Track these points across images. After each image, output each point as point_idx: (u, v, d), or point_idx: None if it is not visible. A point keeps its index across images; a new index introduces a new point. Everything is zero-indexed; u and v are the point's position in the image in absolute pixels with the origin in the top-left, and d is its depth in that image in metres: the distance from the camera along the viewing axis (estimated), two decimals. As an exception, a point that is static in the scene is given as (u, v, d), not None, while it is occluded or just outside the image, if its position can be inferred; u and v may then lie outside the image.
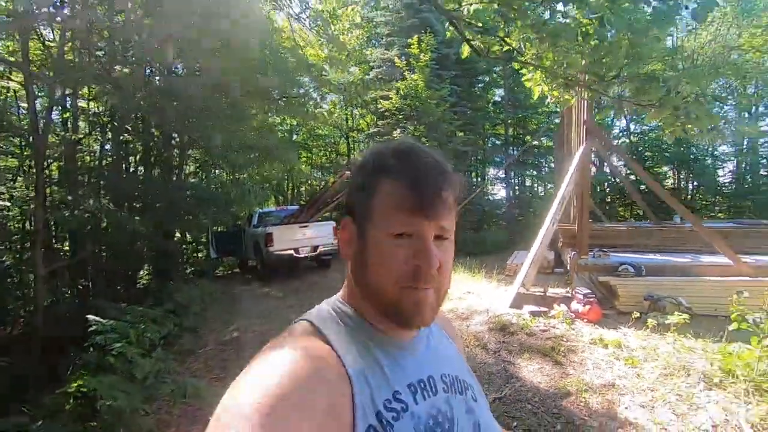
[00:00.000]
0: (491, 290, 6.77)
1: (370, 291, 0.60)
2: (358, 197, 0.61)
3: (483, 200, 16.72)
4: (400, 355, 0.60)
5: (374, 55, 13.53)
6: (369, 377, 0.54)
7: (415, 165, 0.59)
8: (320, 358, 0.52)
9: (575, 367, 3.67)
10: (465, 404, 0.64)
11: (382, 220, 0.58)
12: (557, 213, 6.04)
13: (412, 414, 0.55)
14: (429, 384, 0.60)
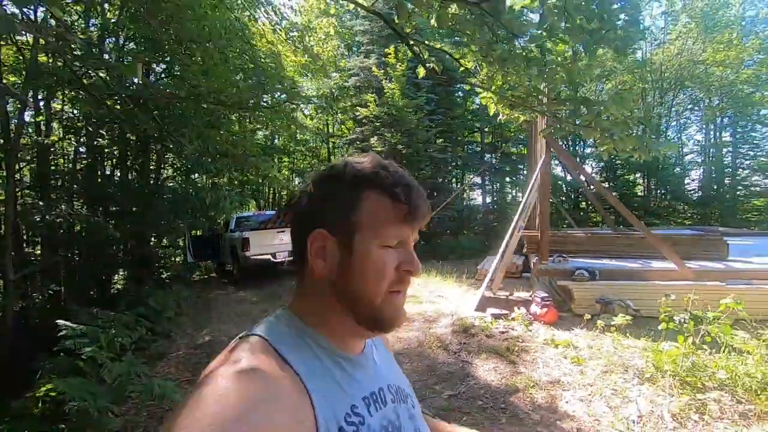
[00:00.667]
0: (460, 294, 7.03)
1: (356, 301, 0.59)
2: (335, 209, 0.60)
3: (461, 206, 17.09)
4: (353, 369, 0.60)
5: (353, 63, 13.77)
6: (328, 393, 0.53)
7: (400, 177, 0.61)
8: (277, 376, 0.50)
9: (527, 365, 3.93)
10: (407, 412, 0.66)
11: (373, 232, 0.59)
12: (521, 220, 6.35)
13: (369, 426, 0.55)
14: (380, 396, 0.61)
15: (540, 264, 5.90)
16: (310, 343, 0.58)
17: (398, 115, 11.76)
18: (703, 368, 3.23)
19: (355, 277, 0.59)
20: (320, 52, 8.06)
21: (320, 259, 0.60)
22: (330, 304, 0.61)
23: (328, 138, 18.26)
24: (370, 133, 12.67)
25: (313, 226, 0.60)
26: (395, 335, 5.03)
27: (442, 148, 13.58)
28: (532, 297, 5.33)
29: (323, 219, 0.60)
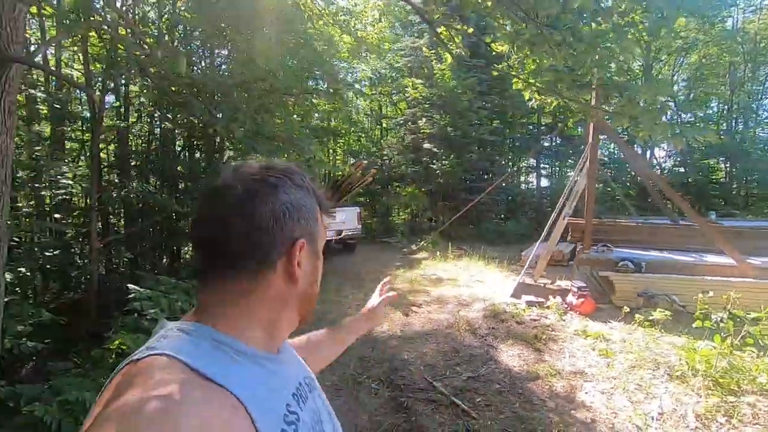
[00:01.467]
0: (500, 280, 6.97)
1: (311, 302, 0.65)
2: (308, 220, 0.61)
3: (514, 190, 16.57)
4: (277, 367, 0.58)
5: (405, 44, 13.63)
6: (262, 399, 0.51)
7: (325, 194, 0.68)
8: (204, 400, 0.44)
9: (552, 354, 3.90)
10: (320, 397, 0.68)
11: (322, 237, 0.66)
12: (568, 206, 6.12)
13: (303, 421, 0.56)
14: (302, 389, 0.62)
15: (582, 253, 5.69)
16: (228, 352, 0.52)
17: (448, 97, 11.56)
18: (741, 370, 3.05)
19: (316, 282, 0.65)
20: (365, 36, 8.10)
21: (297, 267, 0.59)
22: (287, 308, 0.61)
23: (380, 119, 18.36)
24: (420, 114, 12.60)
25: (293, 234, 0.58)
26: (427, 316, 5.18)
27: (494, 130, 13.18)
28: (570, 286, 5.19)
29: (299, 227, 0.59)
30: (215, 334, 0.53)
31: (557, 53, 2.96)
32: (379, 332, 4.79)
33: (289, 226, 0.58)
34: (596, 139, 5.52)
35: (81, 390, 2.87)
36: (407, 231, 13.57)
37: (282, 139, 6.00)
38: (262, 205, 0.56)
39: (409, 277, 7.47)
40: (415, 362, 3.92)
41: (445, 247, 9.97)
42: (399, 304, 5.73)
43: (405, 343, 4.38)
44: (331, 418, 0.67)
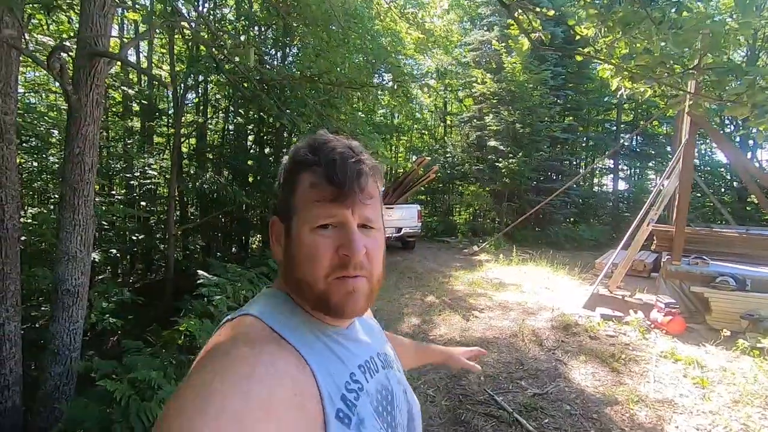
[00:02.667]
0: (570, 288, 6.44)
1: (300, 287, 0.58)
2: (281, 195, 0.61)
3: (588, 192, 15.42)
4: (345, 340, 0.61)
5: (473, 38, 13.15)
6: (327, 365, 0.55)
7: (329, 155, 0.57)
8: (276, 352, 0.50)
9: (633, 377, 3.46)
10: (395, 376, 0.68)
11: (305, 214, 0.57)
12: (654, 211, 5.48)
13: (367, 392, 0.57)
14: (372, 363, 0.63)
15: (671, 264, 5.04)
16: (303, 320, 0.58)
17: (518, 91, 10.96)
18: None
19: (294, 262, 0.58)
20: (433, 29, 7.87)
21: (278, 244, 0.62)
22: (289, 286, 0.61)
23: (444, 116, 17.97)
24: (488, 110, 12.09)
25: (274, 213, 0.64)
26: (488, 323, 4.89)
27: (567, 127, 12.31)
28: (654, 301, 4.62)
29: (277, 206, 0.63)
30: (288, 300, 0.61)
31: (656, 33, 2.57)
32: (437, 335, 4.59)
33: (274, 204, 0.64)
34: (693, 137, 4.85)
35: (149, 369, 3.00)
36: (468, 231, 13.14)
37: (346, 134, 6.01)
38: None
39: (469, 279, 7.17)
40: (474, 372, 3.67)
41: (508, 250, 9.48)
42: (458, 308, 5.49)
43: (464, 350, 4.14)
44: (407, 397, 0.69)
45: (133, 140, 10.19)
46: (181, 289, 7.62)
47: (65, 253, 3.07)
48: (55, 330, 3.15)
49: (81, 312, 3.27)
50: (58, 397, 3.14)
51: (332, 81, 5.09)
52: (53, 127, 6.91)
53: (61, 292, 3.11)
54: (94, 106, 2.94)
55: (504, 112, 11.19)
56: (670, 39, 2.55)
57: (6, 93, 3.22)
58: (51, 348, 3.17)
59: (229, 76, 5.37)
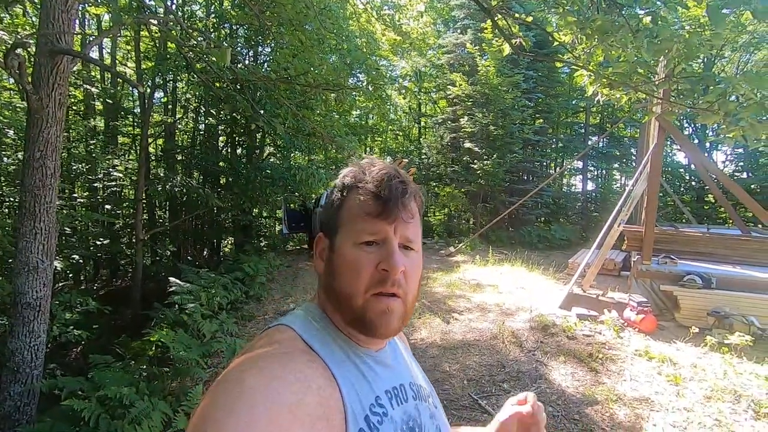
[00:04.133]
0: (545, 288, 6.57)
1: (339, 301, 0.60)
2: (327, 213, 0.64)
3: (558, 192, 15.84)
4: (375, 364, 0.61)
5: (447, 40, 13.27)
6: (354, 383, 0.55)
7: (376, 175, 0.61)
8: (307, 362, 0.52)
9: (611, 376, 3.55)
10: (428, 410, 0.66)
11: (350, 230, 0.59)
12: (623, 212, 5.66)
13: (392, 418, 0.56)
14: (401, 391, 0.62)
15: (641, 264, 5.22)
16: (335, 337, 0.60)
17: (492, 94, 11.13)
18: None
19: (335, 277, 0.61)
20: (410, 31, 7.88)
21: (320, 259, 0.65)
22: (329, 303, 0.63)
23: (419, 118, 18.07)
24: (462, 112, 12.22)
25: (317, 228, 0.67)
26: (468, 324, 4.92)
27: (538, 130, 12.61)
28: (627, 300, 4.76)
29: (324, 223, 0.66)
30: (323, 317, 0.63)
31: (632, 42, 2.63)
32: (417, 339, 4.58)
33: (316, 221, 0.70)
34: (662, 141, 5.03)
35: (119, 385, 2.84)
36: (444, 232, 13.25)
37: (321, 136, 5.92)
38: None
39: (447, 280, 7.21)
40: (457, 375, 3.68)
41: (484, 251, 9.61)
42: (438, 310, 5.50)
43: (446, 353, 4.15)
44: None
45: (96, 141, 9.70)
46: (149, 296, 7.31)
47: (25, 264, 2.86)
48: (14, 346, 2.92)
49: (43, 326, 3.06)
50: (18, 419, 2.92)
51: (308, 83, 4.98)
52: (8, 126, 6.48)
53: (21, 306, 2.90)
54: (56, 107, 2.75)
55: (478, 114, 11.34)
56: (644, 47, 2.62)
57: (-44, 92, 2.98)
58: (9, 366, 2.95)
59: (200, 76, 5.18)
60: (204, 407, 0.44)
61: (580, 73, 3.22)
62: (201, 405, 0.45)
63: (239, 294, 6.19)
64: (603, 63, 2.83)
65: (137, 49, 9.69)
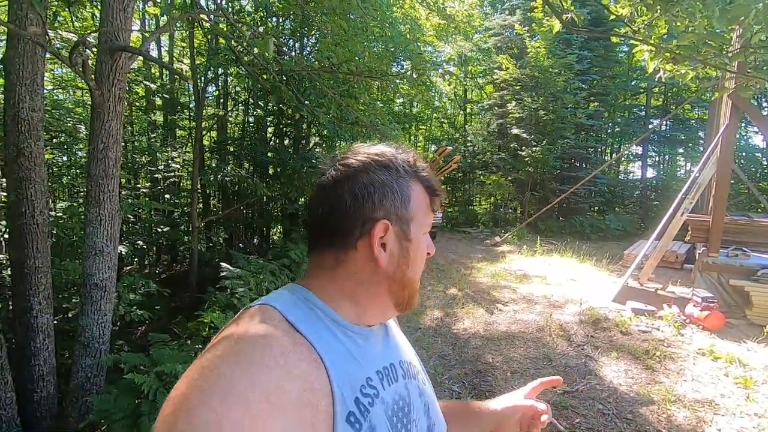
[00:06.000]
0: (597, 280, 6.25)
1: (406, 286, 0.62)
2: (395, 200, 0.60)
3: (615, 180, 14.93)
4: (365, 343, 0.60)
5: (495, 23, 12.75)
6: (343, 364, 0.53)
7: (431, 173, 0.66)
8: (289, 345, 0.49)
9: (670, 375, 3.31)
10: (417, 388, 0.66)
11: (420, 220, 0.63)
12: (688, 199, 5.22)
13: (383, 399, 0.56)
14: (391, 371, 0.62)
15: (707, 256, 4.80)
16: (322, 316, 0.57)
17: (542, 77, 10.60)
18: None
19: (411, 265, 0.62)
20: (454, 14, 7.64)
21: (381, 248, 0.59)
22: (375, 289, 0.61)
23: (464, 104, 17.63)
24: (510, 97, 11.76)
25: (374, 215, 0.59)
26: (513, 316, 4.78)
27: (593, 113, 11.88)
28: (690, 295, 4.41)
29: (383, 208, 0.59)
30: (311, 297, 0.59)
31: (702, 10, 2.38)
32: (460, 329, 4.52)
33: (368, 207, 0.58)
34: (735, 121, 4.55)
35: (175, 362, 3.03)
36: (490, 222, 12.93)
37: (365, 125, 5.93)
38: (341, 188, 0.59)
39: (492, 271, 7.04)
40: (500, 367, 3.59)
41: (532, 241, 9.28)
42: (482, 300, 5.39)
43: (489, 344, 4.06)
44: (428, 413, 0.66)
45: (156, 134, 10.35)
46: (205, 280, 7.75)
47: (92, 248, 3.11)
48: (84, 323, 3.20)
49: (109, 305, 3.32)
50: (89, 389, 3.20)
51: (351, 71, 4.99)
52: (80, 122, 7.05)
53: (90, 286, 3.16)
54: (116, 102, 2.94)
55: (527, 99, 10.86)
56: (716, 15, 2.36)
57: (33, 90, 3.26)
58: (81, 340, 3.23)
59: (248, 68, 5.33)
60: (177, 395, 0.42)
61: (639, 49, 2.96)
62: (175, 391, 0.43)
63: (285, 279, 6.40)
64: (666, 36, 2.58)
65: (191, 45, 10.15)
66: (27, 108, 3.20)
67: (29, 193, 3.30)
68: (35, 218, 3.36)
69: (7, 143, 3.41)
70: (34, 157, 3.30)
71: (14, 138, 3.20)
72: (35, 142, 3.30)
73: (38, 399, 3.43)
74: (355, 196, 0.58)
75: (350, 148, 0.65)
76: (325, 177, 0.62)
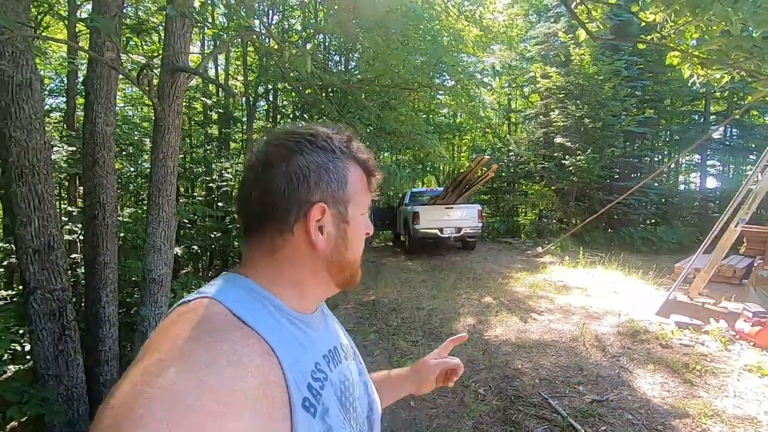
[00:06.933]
0: (642, 293, 5.98)
1: (346, 268, 0.63)
2: (331, 182, 0.59)
3: (672, 190, 14.09)
4: (309, 329, 0.60)
5: (538, 31, 12.61)
6: (293, 352, 0.53)
7: (366, 153, 0.65)
8: (238, 338, 0.47)
9: (710, 390, 3.17)
10: (356, 367, 0.69)
11: (358, 201, 0.62)
12: (744, 210, 4.92)
13: (331, 382, 0.57)
14: (335, 353, 0.63)
15: (762, 269, 4.51)
16: (266, 305, 0.56)
17: (587, 84, 10.34)
18: None
19: (349, 246, 0.62)
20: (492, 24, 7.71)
21: (318, 231, 0.58)
22: (314, 271, 0.61)
23: (508, 114, 17.42)
24: (554, 106, 11.54)
25: (310, 198, 0.57)
26: (546, 325, 4.72)
27: (644, 121, 11.36)
28: (741, 310, 4.16)
29: (319, 190, 0.58)
30: (253, 286, 0.56)
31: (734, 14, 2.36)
32: (492, 336, 4.53)
33: (304, 189, 0.57)
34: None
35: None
36: (533, 232, 12.64)
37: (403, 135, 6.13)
38: (274, 169, 0.57)
39: (530, 281, 6.93)
40: (529, 373, 3.59)
41: (575, 252, 8.99)
42: (516, 309, 5.35)
43: (519, 351, 4.05)
44: (367, 391, 0.69)
45: (211, 146, 11.16)
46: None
47: (152, 246, 3.49)
48: (143, 313, 3.59)
49: (164, 299, 3.69)
50: (146, 372, 3.57)
51: (388, 83, 5.22)
52: (145, 136, 7.80)
53: (149, 281, 3.54)
54: (175, 116, 3.32)
55: (571, 107, 10.61)
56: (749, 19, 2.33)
57: (107, 107, 3.75)
58: (140, 329, 3.62)
59: (292, 84, 5.72)
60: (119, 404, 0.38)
61: (671, 55, 2.94)
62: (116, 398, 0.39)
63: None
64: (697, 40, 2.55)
65: (244, 63, 10.93)
66: (102, 122, 3.69)
67: (101, 198, 3.78)
68: (106, 220, 3.83)
69: (85, 153, 3.93)
70: (106, 166, 3.78)
71: (91, 149, 3.69)
72: (107, 153, 3.78)
73: (103, 381, 3.86)
74: (290, 179, 0.57)
75: (284, 129, 0.63)
76: (256, 158, 0.60)
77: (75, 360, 3.35)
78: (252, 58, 11.07)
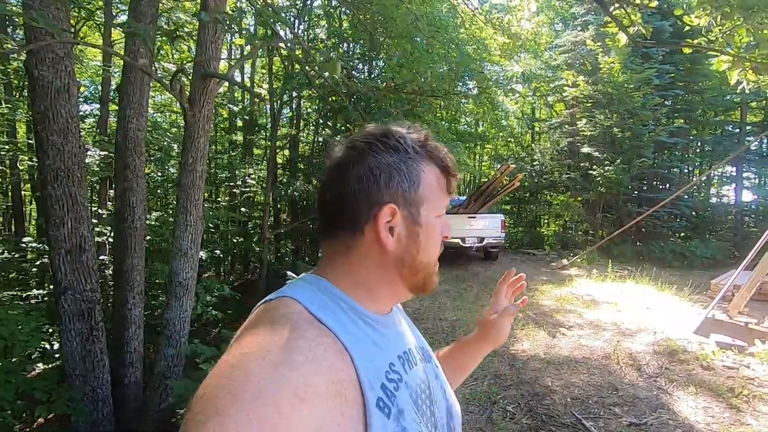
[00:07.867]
0: (677, 310, 5.71)
1: (419, 271, 0.61)
2: (402, 183, 0.59)
3: (704, 203, 13.55)
4: (385, 329, 0.60)
5: (565, 39, 12.41)
6: (366, 352, 0.54)
7: (443, 149, 0.64)
8: (314, 336, 0.49)
9: (759, 418, 2.95)
10: (433, 371, 0.68)
11: (433, 203, 0.61)
12: (789, 226, 4.65)
13: (406, 383, 0.57)
14: (410, 355, 0.62)
15: (812, 289, 4.22)
16: (342, 305, 0.57)
17: (616, 93, 10.08)
18: None
19: (422, 249, 0.60)
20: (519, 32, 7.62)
21: (388, 233, 0.58)
22: (385, 273, 0.60)
23: (532, 123, 17.17)
24: (581, 115, 11.30)
25: (380, 199, 0.57)
26: (576, 341, 4.53)
27: (676, 131, 11.00)
28: (790, 331, 3.90)
29: (389, 192, 0.58)
30: (329, 287, 0.58)
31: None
32: (518, 350, 4.37)
33: (374, 191, 0.57)
34: None
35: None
36: (557, 244, 12.33)
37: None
38: (347, 171, 0.58)
39: (556, 294, 6.71)
40: (560, 391, 3.43)
41: (603, 265, 8.70)
42: (544, 323, 5.16)
43: (549, 368, 3.89)
44: (446, 394, 0.68)
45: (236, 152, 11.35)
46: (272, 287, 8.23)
47: (179, 250, 3.51)
48: (169, 317, 3.60)
49: (189, 302, 3.70)
50: (169, 376, 3.57)
51: (414, 90, 5.18)
52: (174, 141, 7.97)
53: (175, 284, 3.56)
54: (205, 121, 3.35)
55: (599, 116, 10.35)
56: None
57: (139, 113, 3.82)
58: (165, 332, 3.63)
59: (318, 91, 5.75)
60: (207, 393, 0.42)
61: (720, 59, 2.79)
62: (204, 389, 0.43)
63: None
64: (749, 45, 2.42)
65: (270, 71, 11.11)
66: (134, 128, 3.75)
67: (131, 201, 3.83)
68: (134, 223, 3.88)
69: (116, 157, 4.00)
70: (136, 170, 3.84)
71: (122, 153, 3.75)
72: (138, 157, 3.84)
73: (127, 383, 3.88)
74: (360, 180, 0.57)
75: (360, 130, 0.64)
76: (333, 160, 0.61)
77: (101, 360, 3.37)
78: (277, 66, 11.25)
